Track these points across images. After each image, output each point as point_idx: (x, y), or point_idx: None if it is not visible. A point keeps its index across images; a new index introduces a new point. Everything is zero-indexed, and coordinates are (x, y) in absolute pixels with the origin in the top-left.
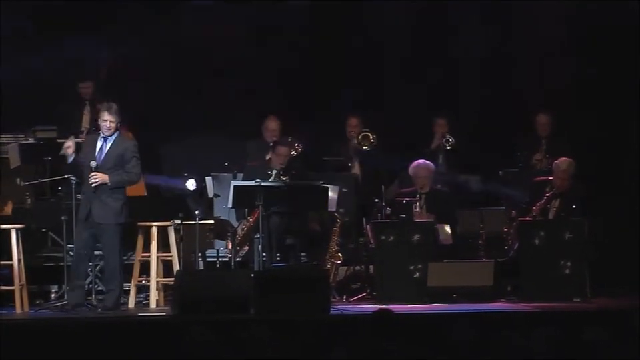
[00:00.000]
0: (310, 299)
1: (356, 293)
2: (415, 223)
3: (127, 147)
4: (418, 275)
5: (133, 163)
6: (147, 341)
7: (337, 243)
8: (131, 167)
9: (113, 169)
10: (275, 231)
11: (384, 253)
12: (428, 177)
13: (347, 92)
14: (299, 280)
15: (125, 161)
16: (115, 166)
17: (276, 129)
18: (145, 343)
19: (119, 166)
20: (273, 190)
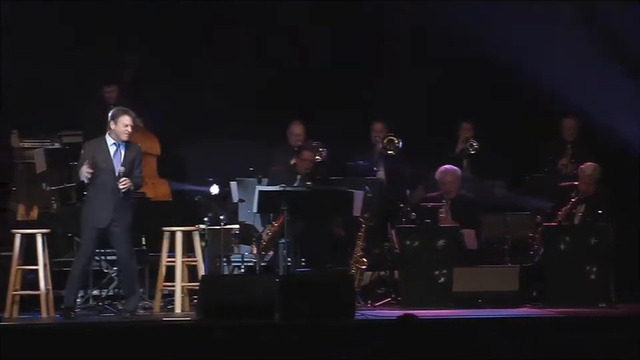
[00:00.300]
0: (335, 303)
1: (381, 298)
2: (440, 227)
3: (137, 151)
4: (443, 280)
5: (140, 168)
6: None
7: (361, 247)
8: (139, 172)
9: (129, 174)
10: (300, 236)
11: (409, 258)
12: (454, 182)
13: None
14: (324, 285)
15: (134, 166)
16: (130, 171)
17: (301, 134)
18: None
19: (131, 171)
20: (297, 195)
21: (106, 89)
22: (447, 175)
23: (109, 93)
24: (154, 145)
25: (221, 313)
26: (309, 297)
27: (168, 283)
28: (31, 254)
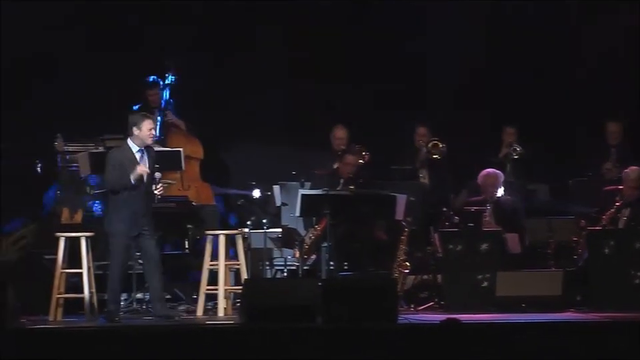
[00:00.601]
0: (377, 307)
1: (423, 302)
2: (483, 231)
3: (154, 155)
4: (486, 285)
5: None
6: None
7: (404, 251)
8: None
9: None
10: (343, 240)
11: (452, 262)
12: (496, 186)
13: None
14: (367, 289)
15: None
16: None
17: (344, 138)
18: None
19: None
20: (340, 198)
21: (149, 92)
22: (490, 178)
23: (152, 96)
24: (197, 148)
25: (264, 317)
26: (351, 301)
27: (211, 287)
28: (75, 257)
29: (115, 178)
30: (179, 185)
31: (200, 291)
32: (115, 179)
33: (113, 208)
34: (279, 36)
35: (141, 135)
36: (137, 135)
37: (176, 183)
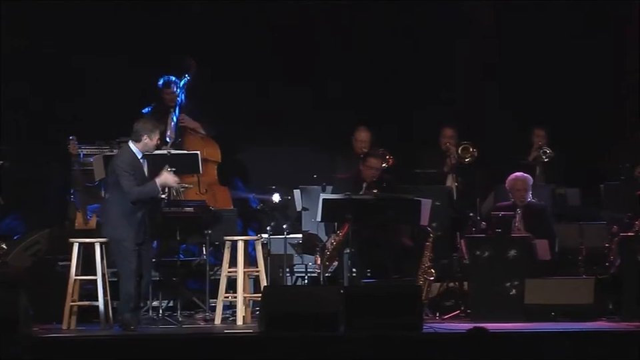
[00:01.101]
0: (402, 316)
1: (449, 311)
2: (511, 237)
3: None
4: (514, 292)
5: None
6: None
7: (429, 258)
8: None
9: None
10: (366, 246)
11: (479, 268)
12: (525, 190)
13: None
14: (391, 297)
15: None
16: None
17: (366, 140)
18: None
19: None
20: (363, 203)
21: (166, 91)
22: (518, 182)
23: (168, 95)
24: (214, 151)
25: (284, 325)
26: (374, 309)
27: (229, 294)
28: (89, 264)
29: (142, 189)
30: (196, 188)
31: (218, 298)
32: (142, 190)
33: (121, 213)
34: (299, 37)
35: (149, 144)
36: (146, 143)
37: (193, 187)
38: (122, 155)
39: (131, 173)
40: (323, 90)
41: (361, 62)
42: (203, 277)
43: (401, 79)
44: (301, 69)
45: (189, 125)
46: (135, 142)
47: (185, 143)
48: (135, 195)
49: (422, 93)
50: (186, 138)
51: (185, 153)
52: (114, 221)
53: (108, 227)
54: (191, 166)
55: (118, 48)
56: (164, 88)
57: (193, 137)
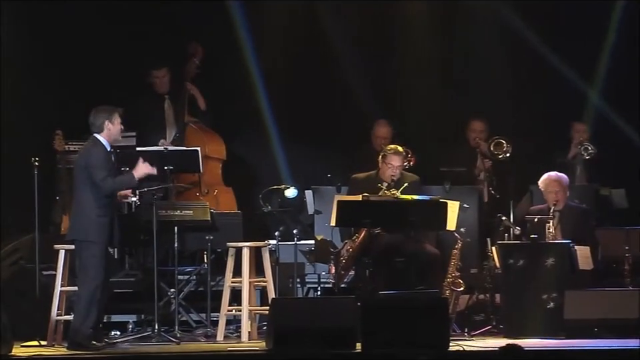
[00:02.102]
0: (426, 332)
1: (479, 326)
2: (548, 244)
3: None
4: (552, 305)
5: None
6: None
7: (457, 267)
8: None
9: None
10: (386, 253)
11: (512, 279)
12: (561, 191)
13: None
14: (413, 310)
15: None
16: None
17: (387, 136)
18: None
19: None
20: (383, 206)
21: (155, 73)
22: (551, 183)
23: (159, 79)
24: (219, 147)
25: (294, 342)
26: (395, 324)
27: (233, 307)
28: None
29: (117, 180)
30: (196, 189)
31: (221, 312)
32: (117, 180)
33: (95, 214)
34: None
35: (113, 131)
36: (109, 130)
37: (192, 188)
38: (93, 148)
39: (105, 166)
40: (338, 80)
41: (379, 50)
42: (204, 289)
43: (421, 70)
44: (317, 58)
45: (194, 94)
46: (98, 133)
47: (186, 137)
48: (110, 185)
49: (445, 82)
50: (187, 132)
51: (183, 150)
52: (86, 222)
53: (79, 229)
54: (191, 164)
55: (110, 35)
56: (153, 70)
57: (194, 130)
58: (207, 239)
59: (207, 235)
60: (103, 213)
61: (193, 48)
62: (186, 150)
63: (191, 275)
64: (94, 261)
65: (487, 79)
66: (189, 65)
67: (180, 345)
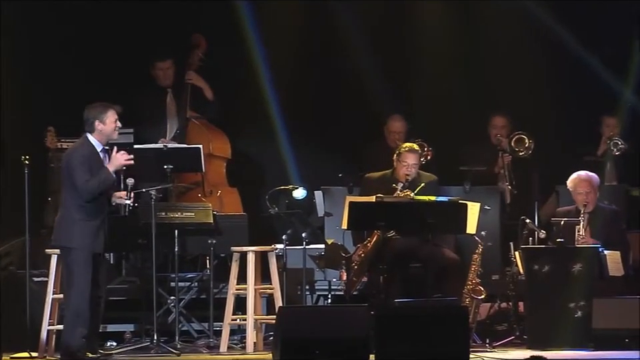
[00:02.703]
0: (444, 343)
1: (502, 337)
2: (575, 249)
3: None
4: (580, 315)
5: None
6: None
7: (477, 273)
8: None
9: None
10: (401, 259)
11: (537, 286)
12: (592, 192)
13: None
14: (431, 319)
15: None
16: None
17: (401, 131)
18: None
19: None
20: (398, 207)
21: (159, 65)
22: (580, 183)
23: (163, 71)
24: (223, 145)
25: (303, 353)
26: (411, 335)
27: (237, 316)
28: None
29: (95, 181)
30: (198, 190)
31: (224, 321)
32: (96, 181)
33: (78, 218)
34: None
35: (105, 130)
36: (101, 130)
37: (194, 188)
38: (79, 148)
39: (86, 168)
40: (350, 75)
41: (393, 45)
42: (207, 296)
43: (435, 60)
44: (329, 46)
45: (196, 83)
46: (90, 133)
47: (188, 134)
48: (91, 189)
49: (463, 75)
50: (189, 128)
51: (184, 147)
52: (69, 227)
53: (63, 235)
54: (192, 162)
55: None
56: (155, 62)
57: (197, 127)
58: (209, 243)
59: (210, 239)
60: (88, 216)
61: (196, 39)
62: (187, 147)
63: (192, 282)
64: (78, 268)
65: (509, 72)
66: (192, 56)
67: (180, 356)
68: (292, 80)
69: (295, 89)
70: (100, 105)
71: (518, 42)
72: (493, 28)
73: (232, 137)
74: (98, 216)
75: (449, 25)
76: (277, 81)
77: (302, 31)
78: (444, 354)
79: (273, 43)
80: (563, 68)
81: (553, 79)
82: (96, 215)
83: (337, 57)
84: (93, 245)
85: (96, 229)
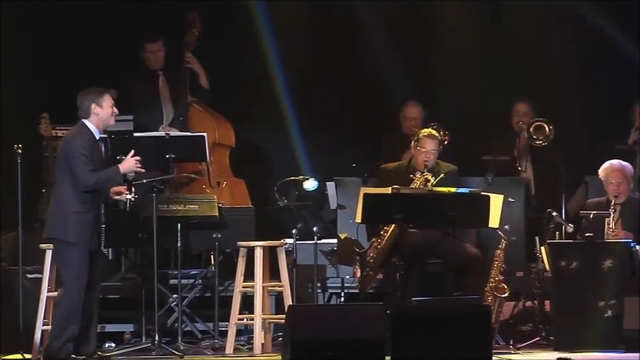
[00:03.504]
0: (465, 344)
1: (527, 338)
2: (606, 244)
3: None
4: (610, 314)
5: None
6: None
7: (500, 270)
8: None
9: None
10: (419, 254)
11: (564, 283)
12: (624, 182)
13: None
14: (451, 319)
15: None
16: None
17: (417, 117)
18: None
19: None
20: (416, 199)
21: (149, 47)
22: (613, 173)
23: (153, 53)
24: (227, 132)
25: (314, 355)
26: (430, 335)
27: (244, 315)
28: None
29: (101, 176)
30: (202, 181)
31: (230, 321)
32: (102, 177)
33: (74, 211)
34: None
35: (102, 115)
36: (98, 114)
37: (198, 179)
38: (78, 135)
39: (89, 157)
40: (364, 59)
41: (411, 31)
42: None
43: (454, 45)
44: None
45: (194, 68)
46: (86, 118)
47: (190, 121)
48: (94, 183)
49: (485, 61)
50: (190, 114)
51: (188, 136)
52: (64, 219)
53: (56, 227)
54: (196, 152)
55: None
56: (147, 44)
57: (199, 113)
58: (214, 237)
59: (215, 233)
60: (84, 208)
61: (191, 17)
62: (191, 136)
63: (196, 279)
64: (72, 264)
65: (534, 57)
66: (187, 36)
67: (183, 358)
68: (303, 63)
69: (306, 72)
70: (95, 90)
71: (544, 26)
72: (518, 11)
73: (234, 123)
74: (93, 209)
75: (472, 7)
76: (286, 63)
77: (314, 13)
78: (464, 356)
79: (282, 24)
80: (592, 53)
81: (581, 64)
82: (92, 207)
83: (352, 40)
84: (90, 241)
85: (92, 223)
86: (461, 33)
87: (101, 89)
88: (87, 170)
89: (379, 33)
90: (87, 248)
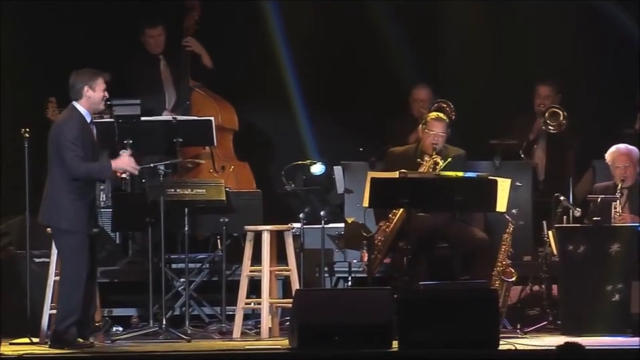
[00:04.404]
0: (473, 329)
1: (534, 322)
2: (613, 228)
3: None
4: (618, 298)
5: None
6: None
7: (508, 254)
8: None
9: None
10: (426, 239)
11: (572, 268)
12: (631, 166)
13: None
14: (458, 304)
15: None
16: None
17: (426, 99)
18: None
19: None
20: (423, 184)
21: (150, 32)
22: (620, 156)
23: (154, 38)
24: (231, 116)
25: (321, 340)
26: (437, 320)
27: (252, 300)
28: None
29: (91, 168)
30: (208, 165)
31: (237, 305)
32: (91, 168)
33: (65, 197)
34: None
35: (94, 98)
36: (89, 97)
37: (202, 163)
38: (68, 121)
39: (78, 144)
40: (373, 41)
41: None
42: (218, 278)
43: (465, 27)
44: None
45: (195, 49)
46: (77, 101)
47: (193, 105)
48: (83, 172)
49: (496, 44)
50: (193, 98)
51: (195, 120)
52: (57, 206)
53: (51, 215)
54: (203, 136)
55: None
56: (147, 29)
57: (202, 97)
58: (221, 221)
59: (222, 217)
60: (77, 195)
61: (191, 2)
62: (199, 120)
63: (203, 263)
64: (69, 251)
65: (543, 42)
66: (187, 20)
67: (191, 342)
68: (310, 45)
69: (312, 54)
70: (89, 71)
71: (554, 11)
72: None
73: (238, 106)
74: (87, 195)
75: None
76: (292, 44)
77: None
78: (472, 340)
79: (290, 6)
80: (602, 37)
81: (589, 48)
82: (86, 194)
83: (361, 22)
84: (86, 227)
85: (86, 209)
86: (474, 19)
87: (94, 71)
88: (77, 159)
89: (389, 15)
90: (84, 234)
